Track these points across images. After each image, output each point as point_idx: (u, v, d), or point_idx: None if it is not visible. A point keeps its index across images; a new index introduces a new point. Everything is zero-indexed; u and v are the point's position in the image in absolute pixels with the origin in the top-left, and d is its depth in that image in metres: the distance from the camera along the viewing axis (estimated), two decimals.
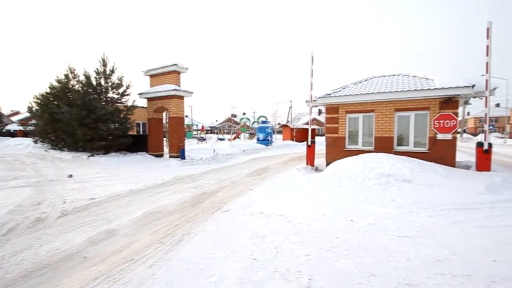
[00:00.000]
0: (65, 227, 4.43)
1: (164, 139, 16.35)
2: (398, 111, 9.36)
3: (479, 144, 8.18)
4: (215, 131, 53.41)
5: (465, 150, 17.64)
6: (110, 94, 13.45)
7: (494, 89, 8.53)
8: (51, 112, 13.76)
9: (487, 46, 7.91)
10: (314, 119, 61.56)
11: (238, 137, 35.11)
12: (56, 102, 14.01)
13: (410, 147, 9.25)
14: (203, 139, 30.75)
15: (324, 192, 6.66)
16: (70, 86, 14.15)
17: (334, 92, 10.34)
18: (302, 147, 20.53)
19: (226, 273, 2.99)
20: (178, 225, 4.55)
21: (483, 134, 8.32)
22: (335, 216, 4.87)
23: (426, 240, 3.80)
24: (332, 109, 10.45)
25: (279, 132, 42.26)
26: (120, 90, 13.54)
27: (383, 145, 9.49)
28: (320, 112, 61.25)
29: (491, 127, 47.32)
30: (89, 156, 12.42)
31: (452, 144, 8.64)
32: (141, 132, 19.91)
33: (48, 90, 14.67)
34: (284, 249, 3.58)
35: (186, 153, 14.05)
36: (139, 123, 19.74)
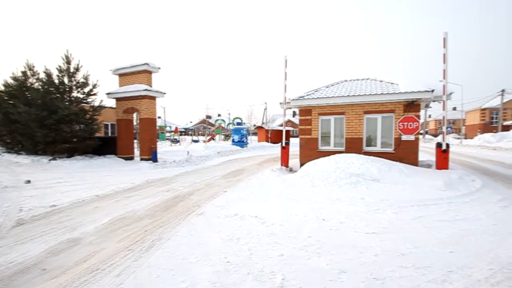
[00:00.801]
0: (21, 238, 4.06)
1: (135, 141, 15.68)
2: (366, 114, 9.83)
3: (438, 145, 8.84)
4: (190, 132, 52.28)
5: (427, 150, 19.02)
6: (75, 94, 12.60)
7: (451, 94, 9.28)
8: (6, 112, 12.57)
9: (444, 55, 8.59)
10: (289, 121, 62.71)
11: (213, 139, 34.68)
12: (11, 101, 12.83)
13: (378, 148, 9.75)
14: (176, 141, 29.90)
15: (298, 192, 6.78)
16: (29, 84, 13.03)
17: (307, 95, 10.60)
18: (277, 149, 20.78)
19: (198, 278, 2.92)
20: (148, 230, 4.37)
21: (444, 135, 9.02)
22: (308, 215, 4.98)
23: (392, 236, 4.01)
24: (305, 111, 10.71)
25: (254, 133, 42.43)
26: (86, 89, 12.74)
27: (353, 146, 9.91)
28: (294, 114, 62.59)
29: (449, 129, 51.43)
30: (50, 160, 11.53)
31: (415, 144, 9.25)
32: (109, 134, 18.92)
33: (2, 88, 13.40)
34: (258, 250, 3.58)
35: (159, 156, 13.59)
36: (108, 124, 18.75)
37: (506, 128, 34.53)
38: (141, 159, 12.85)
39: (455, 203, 5.68)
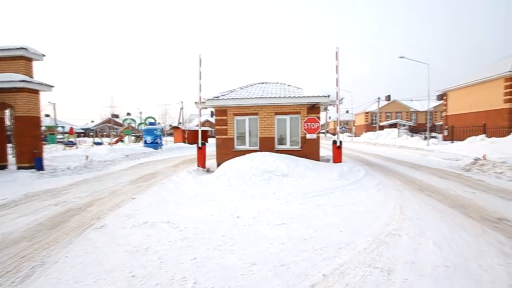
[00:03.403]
0: None
1: (9, 145, 12.42)
2: (277, 115, 10.66)
3: (334, 142, 10.39)
4: (91, 134, 45.16)
5: (328, 147, 22.08)
6: None
7: (342, 99, 11.02)
8: None
9: (336, 66, 10.14)
10: (207, 121, 62.10)
11: (121, 141, 30.90)
12: None
13: (288, 146, 10.71)
14: (72, 144, 25.14)
15: (214, 192, 6.75)
16: None
17: (222, 95, 10.69)
18: (195, 149, 20.11)
19: None
20: (26, 256, 3.50)
21: (338, 134, 10.61)
22: (223, 214, 5.01)
23: (297, 224, 4.45)
24: (221, 112, 10.79)
25: (170, 134, 40.18)
26: None
27: (267, 144, 10.58)
28: (212, 114, 62.29)
29: (343, 128, 61.37)
30: None
31: (317, 142, 10.59)
32: None
33: None
34: (168, 258, 3.36)
35: (47, 162, 11.18)
36: None
37: (381, 128, 43.67)
38: (19, 168, 10.25)
39: (346, 190, 6.77)
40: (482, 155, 11.00)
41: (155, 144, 21.56)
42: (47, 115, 46.34)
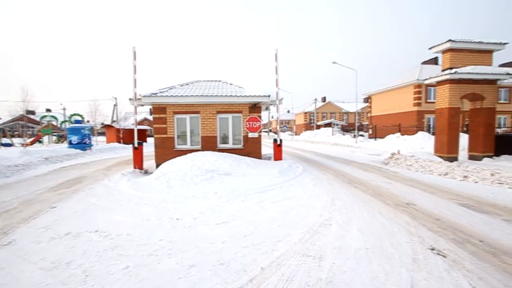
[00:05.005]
0: None
1: None
2: (219, 113, 10.58)
3: (275, 140, 10.84)
4: None
5: (270, 145, 22.92)
6: None
7: (281, 99, 11.54)
8: None
9: (276, 67, 10.57)
10: (146, 119, 57.98)
11: (39, 141, 26.51)
12: None
13: (230, 145, 10.74)
14: None
15: (152, 195, 6.34)
16: None
17: (160, 92, 10.11)
18: (131, 150, 18.57)
19: None
20: None
21: (280, 133, 11.08)
22: (162, 218, 4.75)
23: (238, 222, 4.50)
24: (160, 109, 10.20)
25: (102, 133, 36.20)
26: None
27: (209, 143, 10.42)
28: (151, 111, 58.39)
29: (284, 127, 64.56)
30: None
31: (258, 141, 10.88)
32: None
33: None
34: (96, 270, 3.03)
35: None
36: None
37: (318, 127, 47.38)
38: None
39: (285, 186, 7.14)
40: (397, 150, 12.91)
41: (82, 145, 19.11)
42: None
